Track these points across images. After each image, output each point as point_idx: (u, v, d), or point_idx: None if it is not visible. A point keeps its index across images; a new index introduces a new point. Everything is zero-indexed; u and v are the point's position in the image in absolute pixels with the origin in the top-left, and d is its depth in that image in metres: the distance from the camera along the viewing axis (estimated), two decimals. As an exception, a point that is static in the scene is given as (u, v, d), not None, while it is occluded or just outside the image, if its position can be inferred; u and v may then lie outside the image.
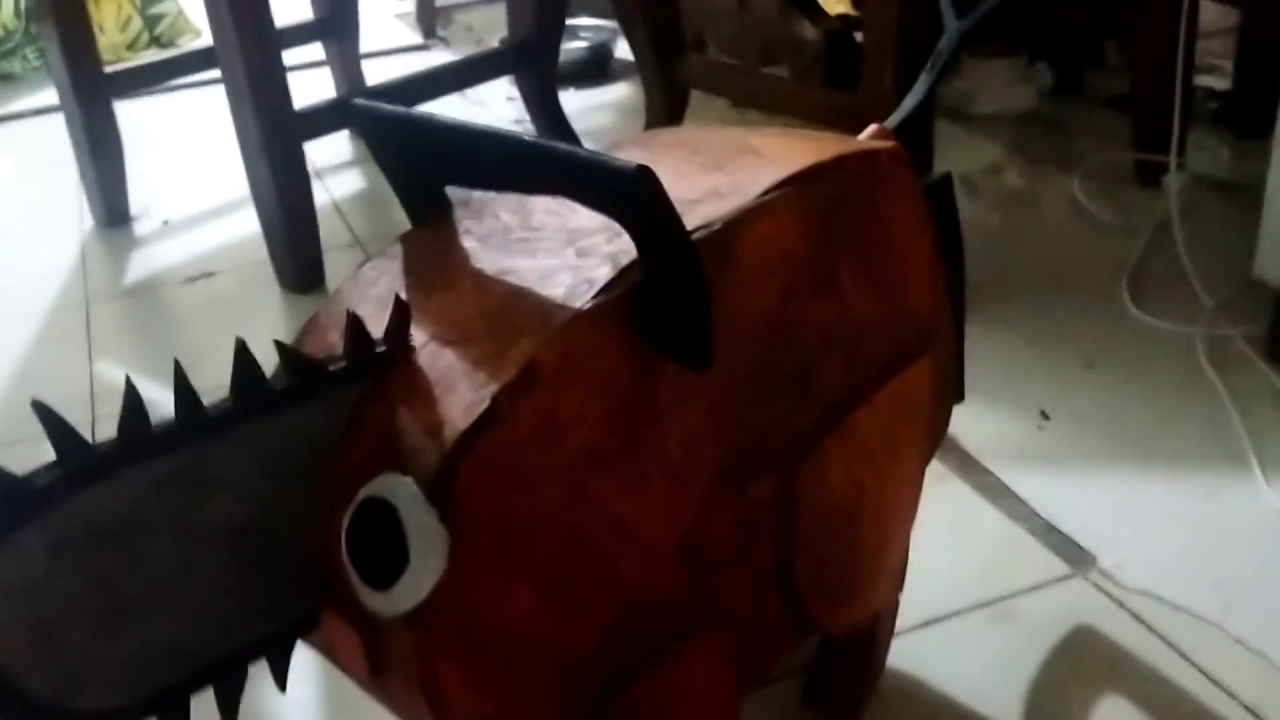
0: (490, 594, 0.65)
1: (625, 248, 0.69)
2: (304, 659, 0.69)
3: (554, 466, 0.66)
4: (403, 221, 0.79)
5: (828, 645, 0.93)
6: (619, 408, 0.68)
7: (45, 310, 1.79)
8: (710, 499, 0.75)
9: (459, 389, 0.64)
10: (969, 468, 1.21)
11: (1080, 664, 0.97)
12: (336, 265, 1.79)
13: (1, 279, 1.92)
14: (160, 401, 0.61)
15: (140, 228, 2.06)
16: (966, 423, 1.24)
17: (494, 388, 0.63)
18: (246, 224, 1.91)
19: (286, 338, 0.62)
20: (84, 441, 0.58)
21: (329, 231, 1.83)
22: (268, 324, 1.67)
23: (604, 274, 0.67)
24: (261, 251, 1.79)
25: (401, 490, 0.62)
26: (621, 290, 0.67)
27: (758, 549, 0.79)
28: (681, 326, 0.67)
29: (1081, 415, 1.29)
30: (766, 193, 0.74)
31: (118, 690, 0.61)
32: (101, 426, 1.39)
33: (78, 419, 0.58)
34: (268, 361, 0.63)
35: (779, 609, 0.82)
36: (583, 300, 0.66)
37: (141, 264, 1.94)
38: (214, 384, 0.63)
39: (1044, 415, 1.28)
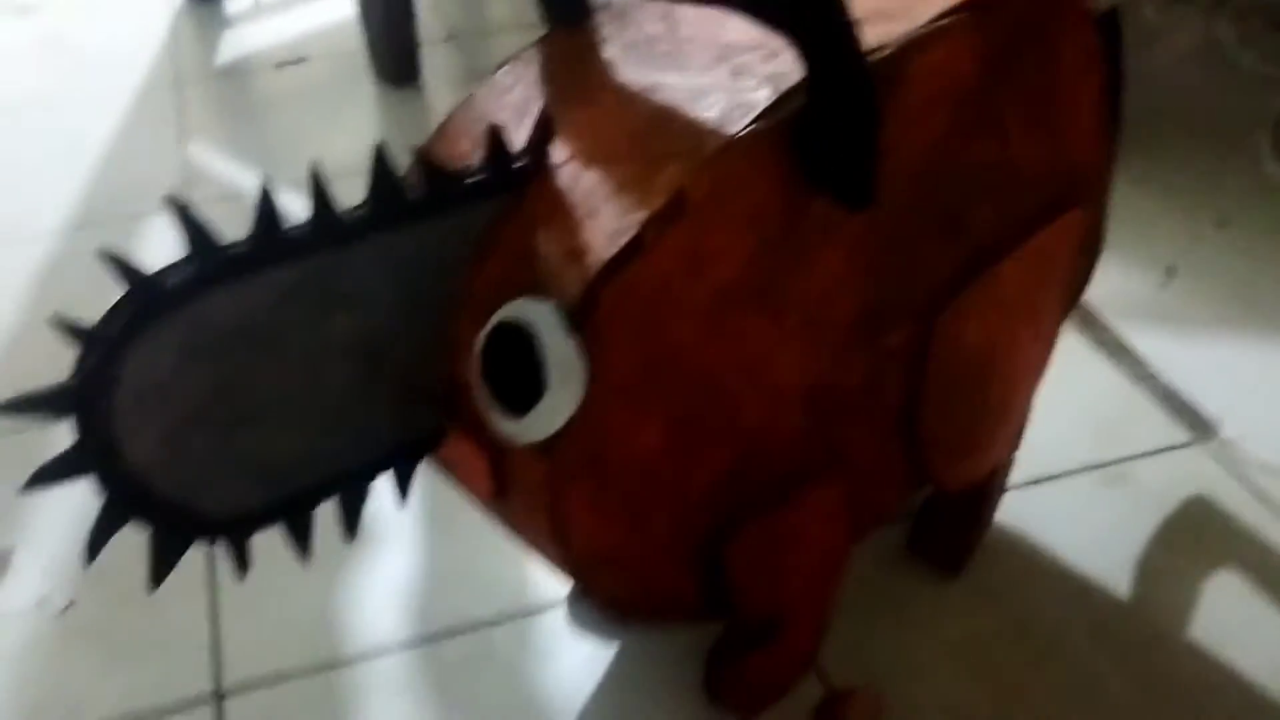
0: (621, 428, 0.63)
1: (784, 70, 0.64)
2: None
3: (693, 302, 0.62)
4: (503, 19, 0.74)
5: (937, 496, 0.91)
6: (764, 245, 0.64)
7: (136, 90, 1.76)
8: (843, 347, 0.71)
9: (602, 214, 0.60)
10: (1088, 323, 1.16)
11: (1192, 535, 0.94)
12: (432, 61, 1.73)
13: (90, 56, 1.88)
14: (252, 191, 0.58)
15: (231, 6, 2.00)
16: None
17: (641, 215, 0.59)
18: (340, 8, 1.85)
19: (380, 133, 0.58)
20: (218, 242, 0.55)
21: (425, 24, 1.76)
22: (361, 117, 1.63)
23: (762, 97, 0.62)
24: (355, 39, 1.73)
25: (541, 317, 0.59)
26: (780, 117, 0.62)
27: (884, 398, 0.76)
28: (844, 161, 0.63)
29: (1210, 276, 1.23)
30: (941, 16, 0.68)
31: (242, 495, 0.60)
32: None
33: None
34: (364, 157, 0.59)
35: (898, 459, 0.80)
36: (738, 126, 0.61)
37: (232, 45, 1.89)
38: (304, 176, 0.59)
39: (1169, 273, 1.22)
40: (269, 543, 0.63)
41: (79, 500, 0.55)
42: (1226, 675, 0.82)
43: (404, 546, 0.96)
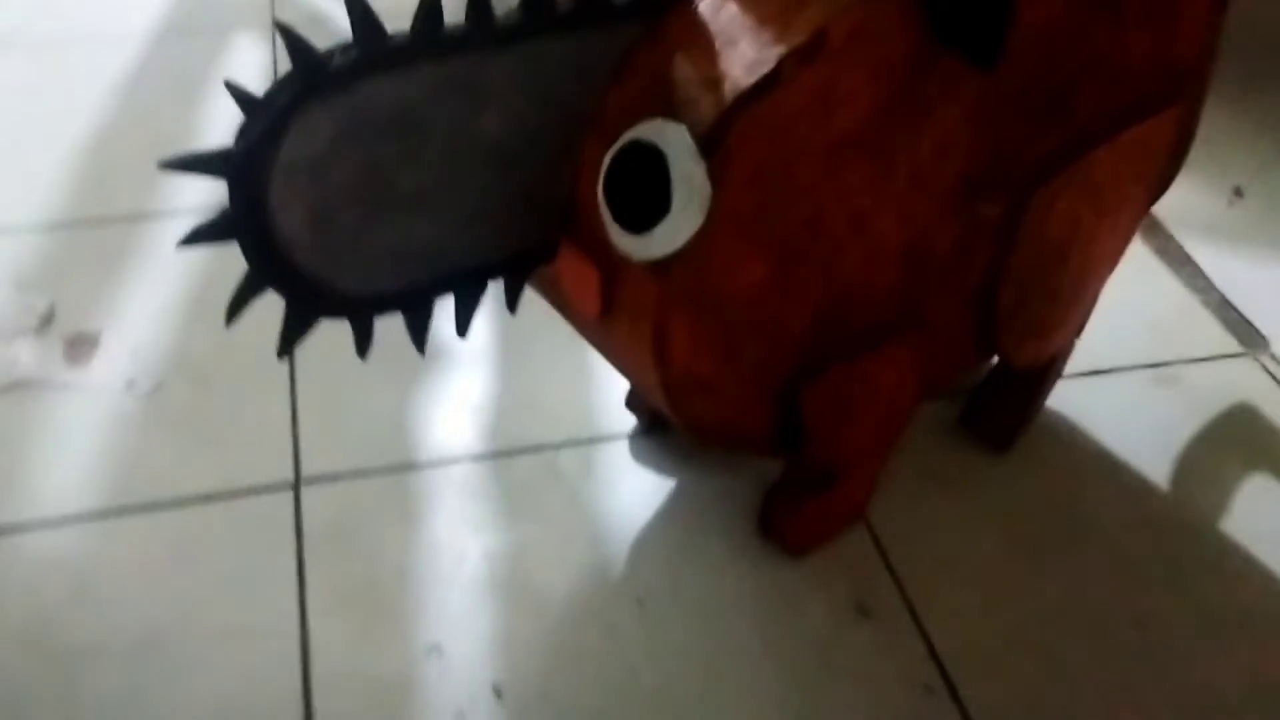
0: (731, 258, 0.66)
1: (930, -73, 0.65)
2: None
3: (817, 143, 0.65)
4: None
5: (997, 374, 0.94)
6: (890, 97, 0.66)
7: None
8: (943, 209, 0.74)
9: (741, 45, 0.62)
10: (1152, 231, 1.18)
11: (1236, 439, 0.98)
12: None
13: None
14: (340, 17, 0.59)
15: None
16: (1158, 187, 1.21)
17: (780, 49, 0.61)
18: None
19: None
20: (383, 29, 0.57)
21: None
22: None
23: (909, -49, 0.64)
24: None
25: (673, 138, 0.61)
26: (924, -28, 0.63)
27: (971, 267, 0.79)
28: (979, 21, 0.64)
29: (1277, 200, 1.25)
30: (1082, -105, 0.69)
31: (374, 278, 0.63)
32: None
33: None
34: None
35: (972, 329, 0.83)
36: (882, -25, 0.63)
37: None
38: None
39: (1237, 192, 1.24)
40: (343, 348, 0.65)
41: (164, 288, 0.57)
42: (1253, 565, 0.87)
43: (478, 367, 0.99)
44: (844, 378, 0.76)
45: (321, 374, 0.97)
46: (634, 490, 0.90)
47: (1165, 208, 1.20)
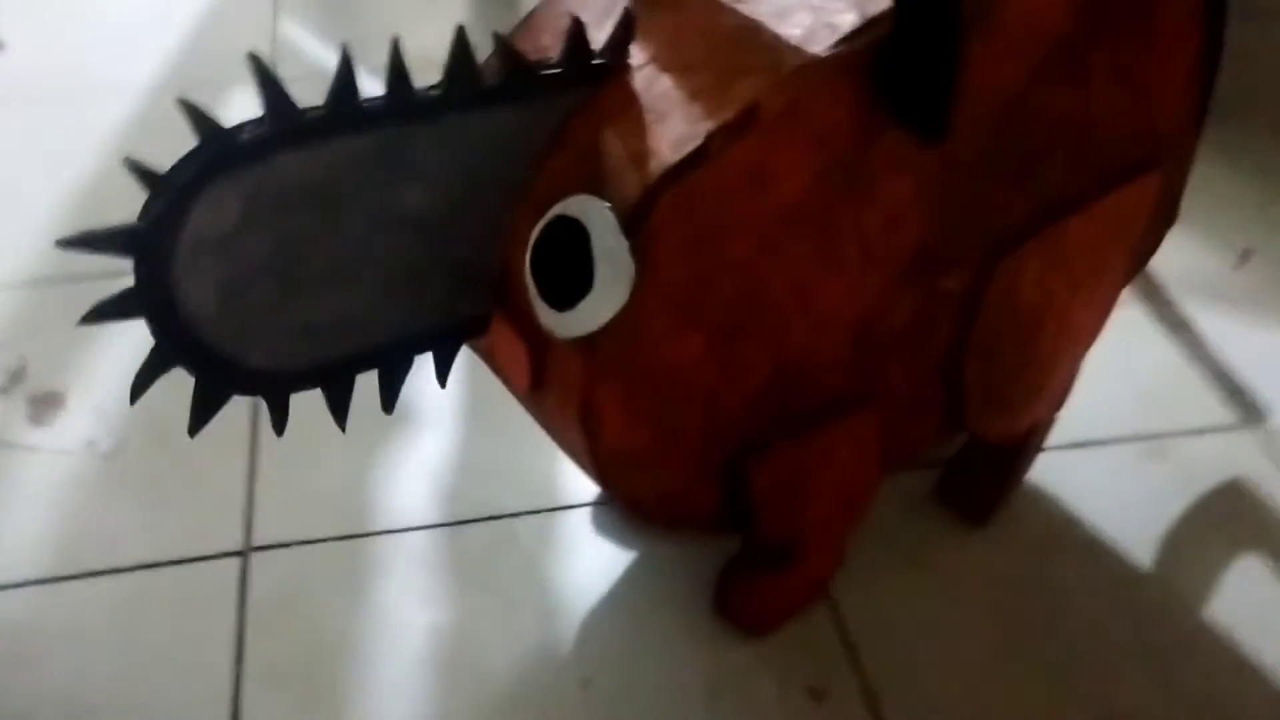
0: (663, 333, 0.63)
1: (873, -5, 0.63)
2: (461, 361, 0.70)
3: (753, 218, 0.62)
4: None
5: (972, 446, 0.91)
6: (831, 170, 0.63)
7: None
8: (898, 283, 0.71)
9: (672, 119, 0.60)
10: (1151, 295, 1.14)
11: (1225, 517, 0.93)
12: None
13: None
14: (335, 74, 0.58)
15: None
16: (1160, 250, 1.17)
17: (709, 125, 0.59)
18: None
19: (471, 25, 0.58)
20: (295, 104, 0.56)
21: (524, -81, 1.74)
22: (454, 9, 1.62)
23: (849, 21, 0.62)
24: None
25: (596, 213, 0.59)
26: (864, 42, 0.61)
27: (932, 340, 0.76)
28: (924, 93, 0.62)
29: (1286, 263, 1.21)
30: (1039, -40, 0.66)
31: (289, 354, 0.62)
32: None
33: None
34: (442, 47, 0.59)
35: (938, 402, 0.80)
36: (821, 46, 0.61)
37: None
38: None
39: (1244, 255, 1.20)
40: (309, 413, 0.65)
41: (133, 347, 0.57)
42: (1237, 653, 0.82)
43: (441, 432, 0.97)
44: (794, 453, 0.73)
45: (285, 436, 0.95)
46: (592, 561, 0.88)
47: (1166, 269, 1.17)
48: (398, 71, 0.58)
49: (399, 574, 0.86)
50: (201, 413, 0.61)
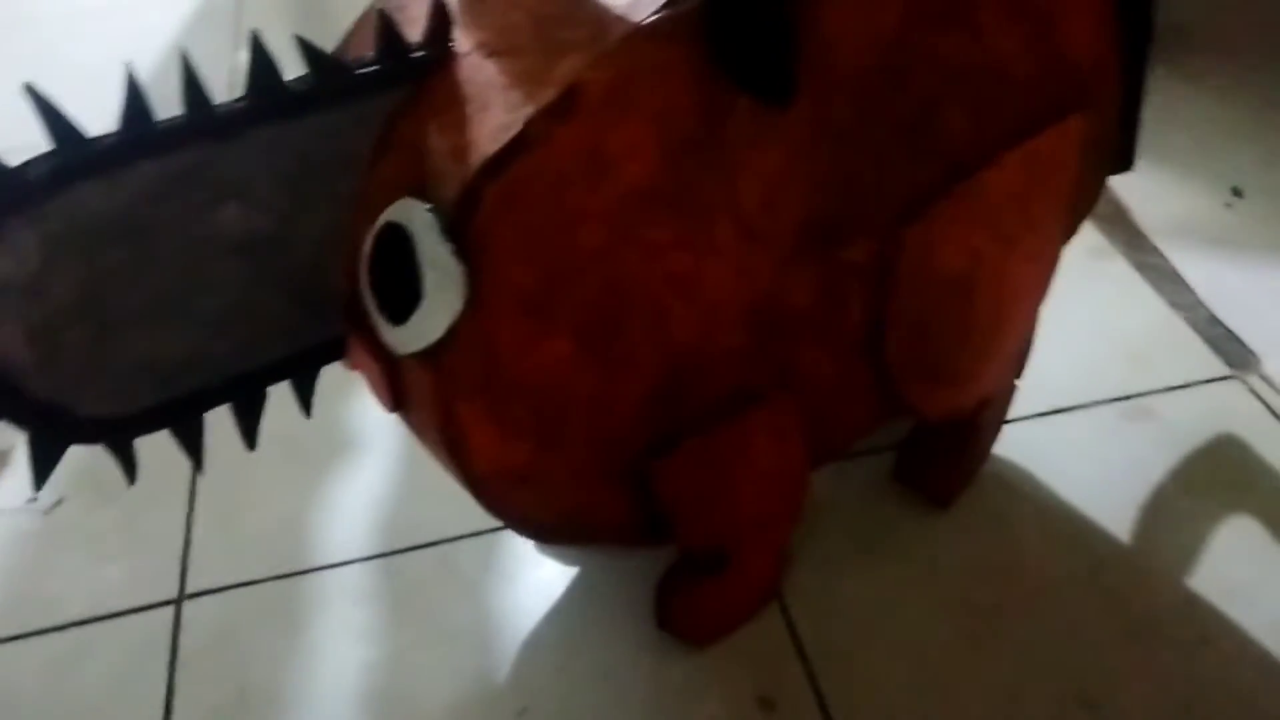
0: (519, 339, 0.59)
1: (705, -45, 0.58)
2: (332, 383, 0.66)
3: (598, 207, 0.58)
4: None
5: (925, 425, 0.85)
6: (681, 146, 0.59)
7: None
8: (791, 259, 0.66)
9: (493, 108, 0.56)
10: (1135, 245, 1.07)
11: (1213, 476, 0.86)
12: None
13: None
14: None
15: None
16: (1143, 193, 1.10)
17: (528, 110, 0.55)
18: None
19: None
20: (81, 133, 0.53)
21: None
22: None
23: (675, -17, 0.57)
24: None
25: (418, 217, 0.55)
26: (691, 4, 0.56)
27: (845, 318, 0.71)
28: (760, 52, 0.57)
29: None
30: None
31: (124, 398, 0.59)
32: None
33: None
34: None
35: (865, 384, 0.74)
36: (645, 13, 0.56)
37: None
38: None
39: (1235, 193, 1.12)
40: (248, 453, 0.63)
41: None
42: (1223, 629, 0.76)
43: (381, 458, 0.94)
44: (703, 451, 0.69)
45: (223, 477, 0.92)
46: (533, 583, 0.84)
47: (1150, 215, 1.10)
48: (193, 87, 0.54)
49: (334, 610, 0.83)
50: (39, 466, 0.58)
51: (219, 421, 0.62)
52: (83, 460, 0.59)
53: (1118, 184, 1.09)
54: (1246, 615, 0.76)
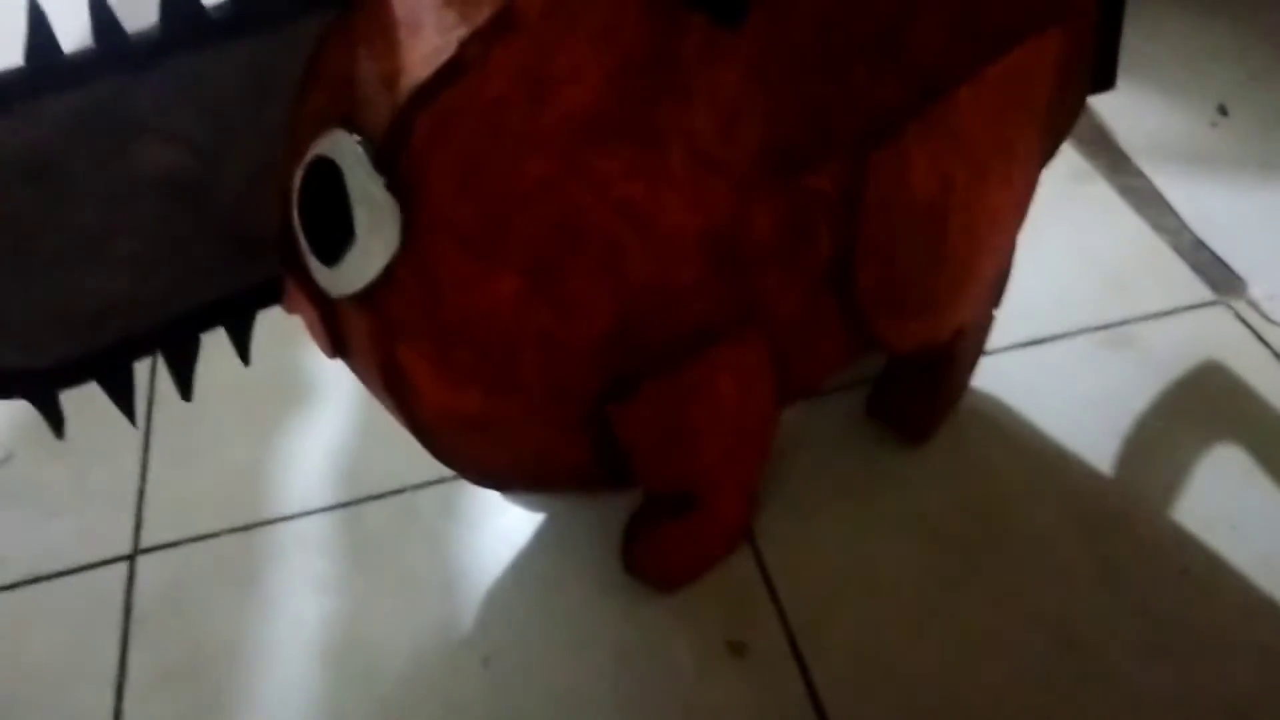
0: (461, 278, 0.56)
1: None
2: (274, 328, 0.63)
3: (541, 134, 0.54)
4: None
5: (898, 359, 0.82)
6: (627, 67, 0.55)
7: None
8: (751, 186, 0.63)
9: (425, 30, 0.52)
10: (1118, 167, 1.04)
11: (1197, 404, 0.84)
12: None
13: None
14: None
15: None
16: (1126, 113, 1.06)
17: (463, 31, 0.51)
18: None
19: None
20: (-20, 67, 0.49)
21: None
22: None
23: (616, -110, 0.53)
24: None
25: (346, 149, 0.52)
26: (636, -87, 0.53)
27: (811, 248, 0.68)
28: (707, -34, 0.53)
29: (1268, 115, 1.09)
30: None
31: (44, 348, 0.55)
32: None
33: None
34: None
35: (834, 318, 0.71)
36: (586, -76, 0.52)
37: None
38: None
39: (1221, 111, 1.08)
40: (202, 403, 0.60)
41: None
42: (1206, 561, 0.74)
43: (340, 406, 0.91)
44: (664, 391, 0.66)
45: (178, 429, 0.90)
46: (498, 530, 0.81)
47: (1132, 136, 1.06)
48: (102, 16, 0.51)
49: (293, 562, 0.80)
50: (-42, 423, 0.55)
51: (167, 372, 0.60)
52: (32, 414, 0.57)
53: (1098, 103, 1.06)
54: (1229, 547, 0.74)
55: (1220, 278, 0.92)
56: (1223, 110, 1.08)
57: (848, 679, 0.70)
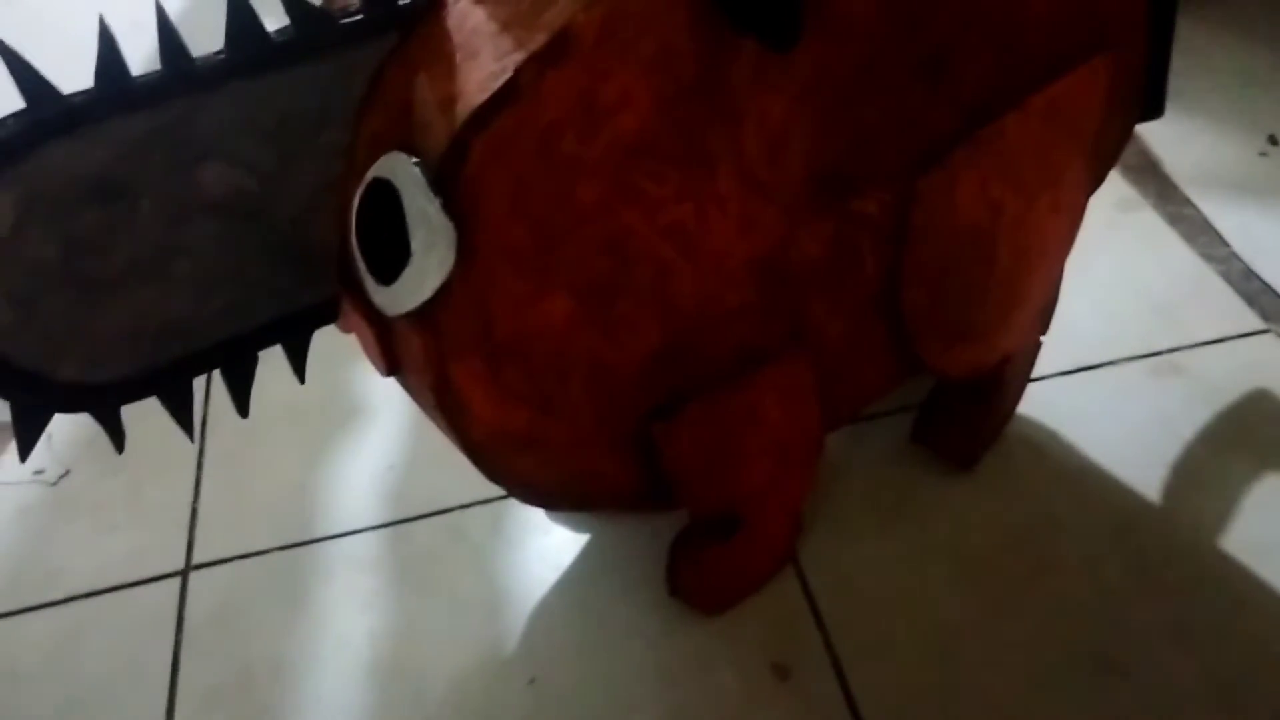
0: (513, 298, 0.57)
1: (706, -110, 0.55)
2: (327, 348, 0.64)
3: (593, 158, 0.55)
4: None
5: (945, 384, 0.82)
6: (678, 92, 0.56)
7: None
8: (799, 210, 0.63)
9: (482, 56, 0.54)
10: (1167, 196, 1.03)
11: (1246, 434, 0.83)
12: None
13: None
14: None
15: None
16: (1175, 142, 1.06)
17: (519, 56, 0.52)
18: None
19: None
20: (53, 90, 0.51)
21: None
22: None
23: (670, -80, 0.54)
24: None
25: (403, 172, 0.53)
26: (689, -58, 0.54)
27: (858, 273, 0.68)
28: (762, -5, 0.54)
29: (1321, 144, 1.08)
30: None
31: (108, 364, 0.57)
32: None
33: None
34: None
35: (881, 342, 0.72)
36: (640, -48, 0.53)
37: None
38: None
39: (1272, 140, 1.08)
40: (257, 420, 0.61)
41: None
42: (1257, 591, 0.73)
43: (390, 425, 0.92)
44: (710, 414, 0.66)
45: (230, 447, 0.91)
46: (543, 550, 0.82)
47: (1181, 164, 1.06)
48: (169, 41, 0.52)
49: (342, 580, 0.81)
50: (24, 436, 0.56)
51: (225, 390, 0.61)
52: (90, 430, 0.58)
53: (1146, 131, 1.06)
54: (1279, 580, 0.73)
55: (1270, 306, 0.92)
56: (1273, 140, 1.07)
57: (891, 703, 0.70)
